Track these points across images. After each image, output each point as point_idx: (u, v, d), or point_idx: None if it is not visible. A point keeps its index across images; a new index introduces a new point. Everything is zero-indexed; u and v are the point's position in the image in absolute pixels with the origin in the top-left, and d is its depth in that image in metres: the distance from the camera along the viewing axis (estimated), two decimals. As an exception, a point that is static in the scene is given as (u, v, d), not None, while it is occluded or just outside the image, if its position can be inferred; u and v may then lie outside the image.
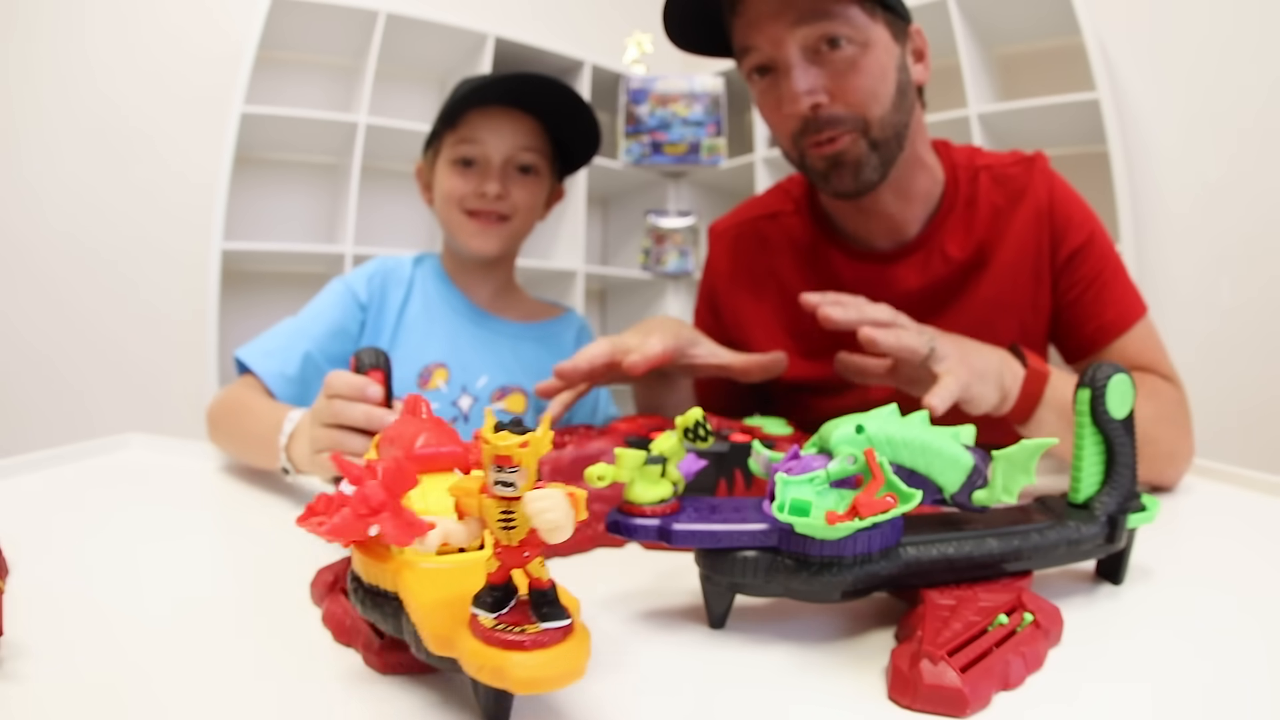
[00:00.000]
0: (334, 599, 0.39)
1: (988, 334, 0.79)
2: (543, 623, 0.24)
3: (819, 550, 0.35)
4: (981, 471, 0.41)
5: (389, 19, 2.06)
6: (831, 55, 0.70)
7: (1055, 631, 0.36)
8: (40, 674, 0.32)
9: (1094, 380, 0.41)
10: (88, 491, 0.65)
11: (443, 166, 0.95)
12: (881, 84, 0.71)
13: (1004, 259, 0.79)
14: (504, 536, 0.24)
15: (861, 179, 0.75)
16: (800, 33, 0.69)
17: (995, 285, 0.80)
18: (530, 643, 0.24)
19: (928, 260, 0.81)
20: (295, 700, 0.31)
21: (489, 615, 0.25)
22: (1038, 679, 0.33)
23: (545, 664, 0.23)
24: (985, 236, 0.80)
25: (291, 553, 0.49)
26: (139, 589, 0.43)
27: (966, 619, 0.34)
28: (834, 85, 0.71)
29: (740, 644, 0.37)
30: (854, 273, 0.84)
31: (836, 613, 0.40)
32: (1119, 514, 0.41)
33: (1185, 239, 1.87)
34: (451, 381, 0.95)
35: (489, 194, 0.92)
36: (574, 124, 0.96)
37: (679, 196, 2.63)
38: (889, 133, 0.73)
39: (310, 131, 2.07)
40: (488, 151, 0.92)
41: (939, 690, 0.30)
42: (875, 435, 0.37)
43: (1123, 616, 0.41)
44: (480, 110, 0.92)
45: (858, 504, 0.33)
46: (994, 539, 0.39)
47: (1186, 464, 0.72)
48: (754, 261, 0.91)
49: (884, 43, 0.71)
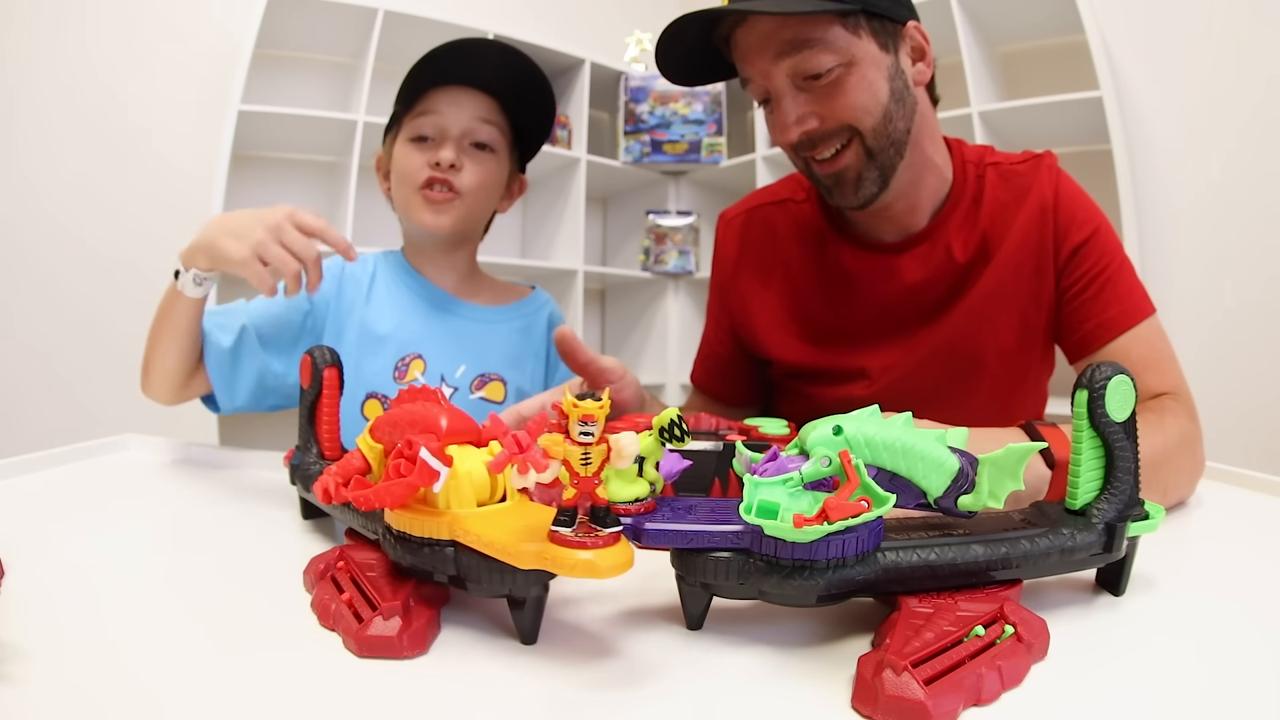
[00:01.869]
0: (323, 586, 0.40)
1: (988, 327, 0.80)
2: (605, 529, 0.34)
3: (789, 553, 0.34)
4: (968, 475, 0.39)
5: (387, 16, 2.05)
6: (816, 81, 0.71)
7: (1039, 645, 0.34)
8: (36, 676, 0.32)
9: (1092, 381, 0.39)
10: (85, 492, 0.65)
11: (399, 146, 0.93)
12: (871, 98, 0.72)
13: (1006, 253, 0.79)
14: (583, 470, 0.34)
15: (862, 193, 0.76)
16: (784, 65, 0.71)
17: (997, 279, 0.79)
18: (603, 542, 0.33)
19: (931, 253, 0.81)
20: (283, 688, 0.32)
21: (568, 530, 0.33)
22: (1015, 696, 0.31)
23: (618, 553, 0.33)
24: (989, 231, 0.80)
25: (289, 553, 0.49)
26: (135, 591, 0.43)
27: (940, 628, 0.33)
28: (823, 108, 0.72)
29: (715, 645, 0.37)
30: (859, 264, 0.84)
31: (817, 617, 0.39)
32: (1118, 522, 0.39)
33: (1188, 238, 1.85)
34: (429, 372, 0.94)
35: (443, 162, 0.89)
36: (528, 98, 0.95)
37: (679, 195, 2.62)
38: (884, 142, 0.73)
39: (308, 129, 2.07)
40: (444, 123, 0.91)
41: (900, 701, 0.29)
42: (853, 437, 0.36)
43: (1119, 630, 0.38)
44: (438, 89, 0.91)
45: (828, 507, 0.32)
46: (980, 545, 0.37)
47: (1194, 486, 0.67)
48: (761, 248, 0.91)
49: (871, 56, 0.71)
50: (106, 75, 2.01)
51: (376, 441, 0.44)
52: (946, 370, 0.81)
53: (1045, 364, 0.86)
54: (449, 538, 0.37)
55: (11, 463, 0.67)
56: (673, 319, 2.59)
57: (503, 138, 0.95)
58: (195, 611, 0.40)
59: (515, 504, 0.39)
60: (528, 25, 2.30)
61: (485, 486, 0.39)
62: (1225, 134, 1.81)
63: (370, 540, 0.44)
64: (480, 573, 0.36)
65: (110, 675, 0.33)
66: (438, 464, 0.35)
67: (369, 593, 0.38)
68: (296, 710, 0.31)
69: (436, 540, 0.37)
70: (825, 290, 0.87)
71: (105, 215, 2.02)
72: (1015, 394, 0.85)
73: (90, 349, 2.02)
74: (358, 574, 0.40)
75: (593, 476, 0.34)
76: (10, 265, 1.95)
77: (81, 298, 2.01)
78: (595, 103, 2.49)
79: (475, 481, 0.38)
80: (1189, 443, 0.66)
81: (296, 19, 2.01)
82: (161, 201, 2.06)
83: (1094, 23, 1.79)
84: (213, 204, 1.89)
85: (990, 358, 0.81)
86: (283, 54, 2.14)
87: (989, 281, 0.80)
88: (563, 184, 2.43)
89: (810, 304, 0.88)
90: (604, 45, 2.47)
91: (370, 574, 0.39)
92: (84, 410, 1.99)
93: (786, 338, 0.89)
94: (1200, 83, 1.83)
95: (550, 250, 2.48)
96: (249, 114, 1.91)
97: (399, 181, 0.94)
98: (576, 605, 0.41)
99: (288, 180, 2.23)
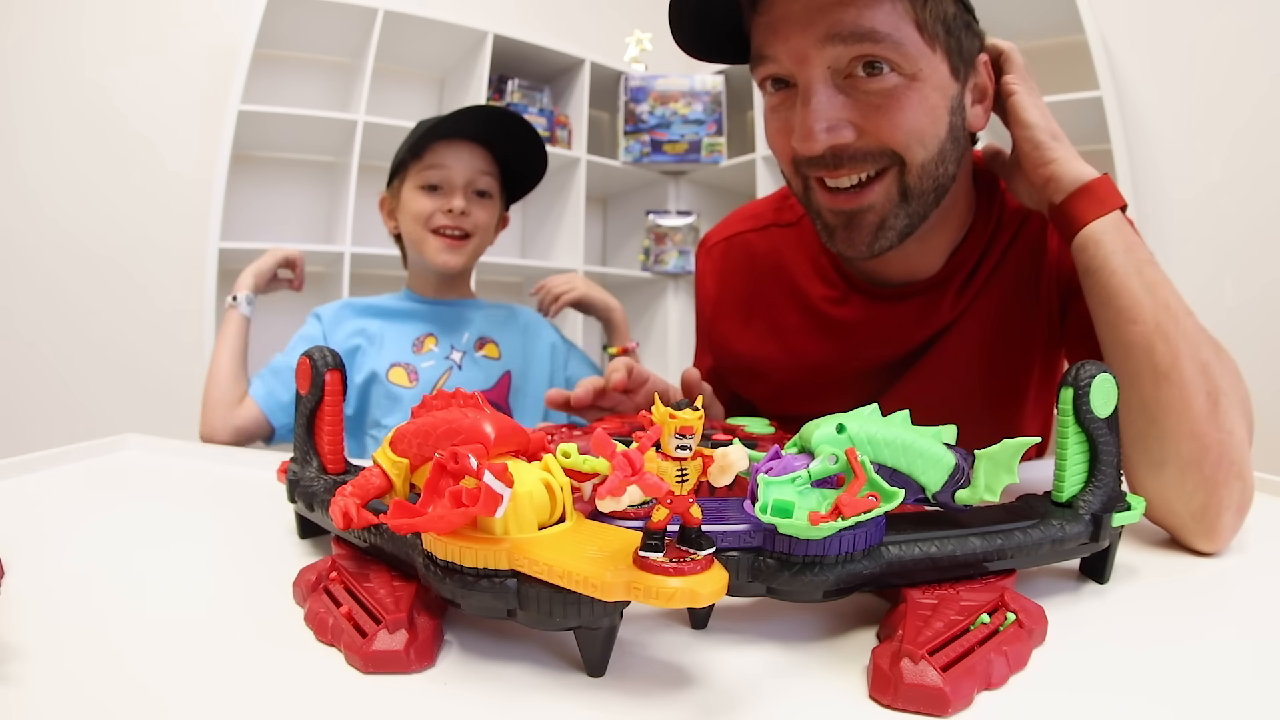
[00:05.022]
0: (316, 598, 0.38)
1: (959, 379, 0.71)
2: (700, 551, 0.30)
3: (802, 550, 0.34)
4: (964, 470, 0.41)
5: (387, 16, 2.05)
6: (867, 83, 0.55)
7: (1039, 631, 0.36)
8: (36, 676, 0.32)
9: (1077, 380, 0.41)
10: (85, 493, 0.65)
11: (409, 192, 1.08)
12: (931, 125, 0.57)
13: (1000, 292, 0.70)
14: (678, 488, 0.31)
15: (879, 244, 0.61)
16: (831, 51, 0.55)
17: (989, 318, 0.70)
18: (700, 567, 0.30)
19: (938, 303, 0.70)
20: (286, 701, 0.31)
21: (658, 556, 0.30)
22: (1021, 678, 0.33)
23: (715, 579, 0.30)
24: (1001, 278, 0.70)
25: (288, 554, 0.48)
26: (135, 591, 0.43)
27: (948, 618, 0.34)
28: (865, 120, 0.56)
29: (722, 644, 0.37)
30: (852, 311, 0.73)
31: (819, 612, 0.40)
32: (1103, 513, 0.41)
33: (1188, 237, 1.86)
34: (441, 343, 1.13)
35: (455, 209, 1.05)
36: (522, 149, 1.10)
37: (679, 195, 2.62)
38: (927, 184, 0.59)
39: (308, 130, 2.07)
40: (451, 175, 1.06)
41: (920, 689, 0.30)
42: (856, 435, 0.37)
43: (1108, 615, 0.40)
44: (442, 142, 1.06)
45: (840, 503, 0.33)
46: (977, 538, 0.38)
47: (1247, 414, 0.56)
48: (741, 284, 0.80)
49: (939, 78, 0.57)
50: (105, 75, 2.01)
51: (400, 455, 0.39)
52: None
53: (1046, 385, 0.76)
54: (509, 568, 0.32)
55: (13, 463, 0.67)
56: (673, 319, 2.60)
57: (496, 184, 1.11)
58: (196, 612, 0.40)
59: (576, 524, 0.35)
60: (527, 25, 2.30)
61: (546, 507, 0.34)
62: (1225, 133, 1.81)
63: (361, 547, 0.41)
64: (552, 606, 0.32)
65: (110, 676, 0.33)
66: (501, 487, 0.30)
67: (369, 605, 0.35)
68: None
69: (495, 571, 0.32)
70: (812, 337, 0.76)
71: (105, 215, 2.02)
72: (1015, 423, 0.76)
73: (90, 349, 2.02)
74: (353, 585, 0.37)
75: (688, 495, 0.31)
76: (10, 265, 1.95)
77: (81, 297, 2.01)
78: (595, 103, 2.49)
79: (536, 502, 0.33)
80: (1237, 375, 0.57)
81: (296, 19, 2.01)
82: (161, 201, 2.06)
83: (1094, 22, 1.80)
84: (212, 204, 1.89)
85: (975, 408, 0.72)
86: (282, 54, 2.14)
87: (980, 321, 0.70)
88: (562, 184, 2.44)
89: (796, 350, 0.76)
90: (604, 45, 2.47)
91: (367, 584, 0.37)
92: (84, 410, 1.99)
93: (767, 388, 0.80)
94: (1200, 82, 1.84)
95: (550, 250, 2.48)
96: (249, 114, 1.91)
97: (412, 222, 1.08)
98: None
99: (287, 180, 2.23)
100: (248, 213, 2.07)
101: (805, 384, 0.77)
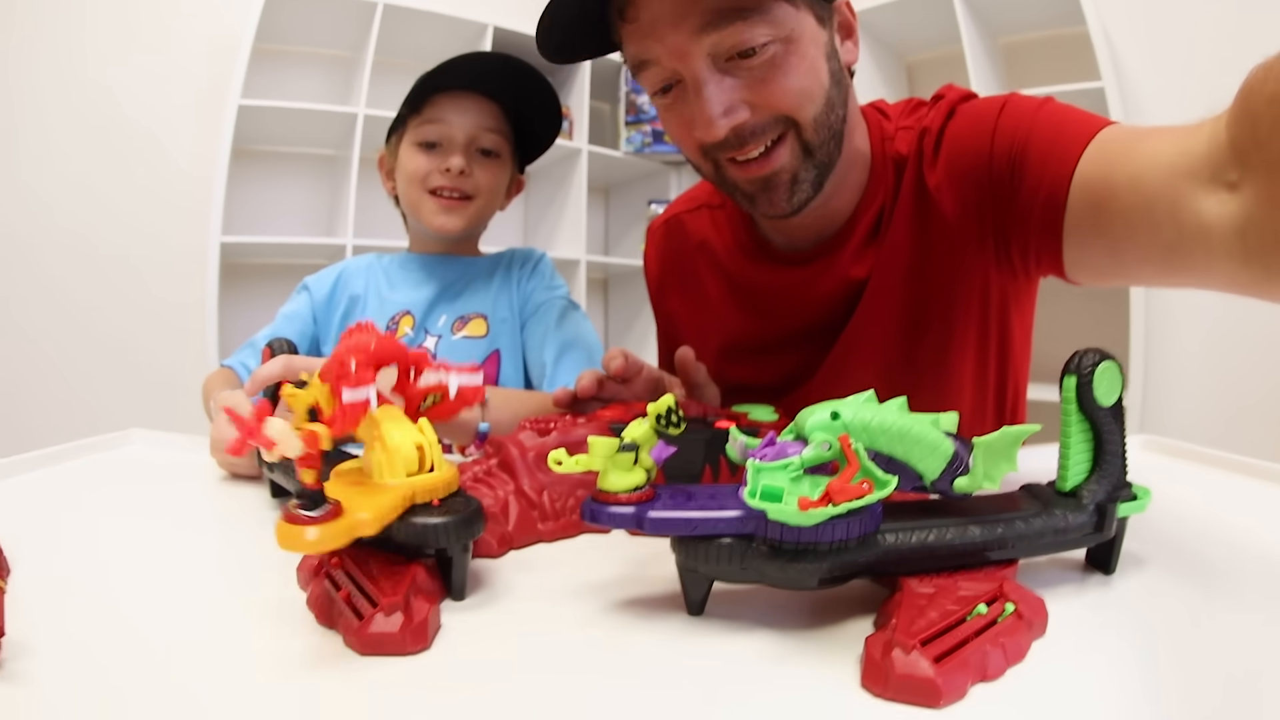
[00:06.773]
0: (318, 583, 0.39)
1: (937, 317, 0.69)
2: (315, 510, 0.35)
3: (794, 537, 0.34)
4: (962, 458, 0.40)
5: (387, 9, 2.05)
6: (749, 60, 0.58)
7: (1039, 622, 0.35)
8: (43, 673, 0.32)
9: (1080, 367, 0.40)
10: (90, 488, 0.65)
11: (406, 149, 0.98)
12: (814, 81, 0.60)
13: (939, 231, 0.68)
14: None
15: (796, 198, 0.64)
16: (708, 40, 0.57)
17: (936, 262, 0.68)
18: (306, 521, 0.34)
19: (838, 262, 0.71)
20: (288, 688, 0.32)
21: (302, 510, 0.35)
22: (1019, 671, 0.32)
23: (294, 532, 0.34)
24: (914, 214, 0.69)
25: None
26: (141, 586, 0.43)
27: (944, 608, 0.34)
28: (755, 95, 0.59)
29: (718, 630, 0.37)
30: (770, 277, 0.75)
31: (816, 600, 0.40)
32: (1108, 503, 0.40)
33: (1190, 228, 1.85)
34: (416, 326, 1.01)
35: (453, 169, 0.95)
36: (535, 104, 0.98)
37: (680, 185, 2.62)
38: (824, 134, 0.62)
39: (309, 123, 2.07)
40: (451, 131, 0.95)
41: (911, 680, 0.30)
42: (851, 421, 0.36)
43: (1112, 607, 0.39)
44: (444, 94, 0.95)
45: (831, 490, 0.32)
46: (977, 526, 0.38)
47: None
48: (679, 262, 0.85)
49: (810, 31, 0.60)
50: (106, 72, 2.01)
51: (324, 381, 0.43)
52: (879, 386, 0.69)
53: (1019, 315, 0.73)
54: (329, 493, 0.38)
55: (17, 460, 0.67)
56: (674, 311, 2.59)
57: (506, 143, 0.99)
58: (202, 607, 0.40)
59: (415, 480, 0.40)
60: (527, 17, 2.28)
61: (414, 460, 0.40)
62: (1227, 123, 1.80)
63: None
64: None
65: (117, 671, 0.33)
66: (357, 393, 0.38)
67: (367, 589, 0.37)
68: (302, 709, 0.31)
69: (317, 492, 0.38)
70: (731, 306, 0.79)
71: (107, 211, 2.02)
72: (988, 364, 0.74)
73: (93, 344, 2.02)
74: (353, 569, 0.39)
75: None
76: (12, 261, 1.95)
77: (84, 293, 2.01)
78: (596, 94, 2.48)
79: (404, 456, 0.40)
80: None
81: (296, 13, 2.01)
82: (162, 196, 2.06)
83: (1095, 13, 1.79)
84: (214, 198, 1.89)
85: (926, 365, 0.71)
86: (282, 48, 2.14)
87: (926, 273, 0.69)
88: (564, 175, 2.43)
89: (721, 319, 0.80)
90: (604, 37, 2.46)
91: (366, 569, 0.38)
92: (87, 406, 1.99)
93: (707, 358, 0.77)
94: (1201, 73, 1.83)
95: (552, 241, 2.48)
96: (249, 108, 1.91)
97: (407, 183, 0.98)
98: (573, 596, 0.41)
99: (289, 174, 2.23)
100: (249, 207, 2.07)
101: (737, 354, 0.79)
